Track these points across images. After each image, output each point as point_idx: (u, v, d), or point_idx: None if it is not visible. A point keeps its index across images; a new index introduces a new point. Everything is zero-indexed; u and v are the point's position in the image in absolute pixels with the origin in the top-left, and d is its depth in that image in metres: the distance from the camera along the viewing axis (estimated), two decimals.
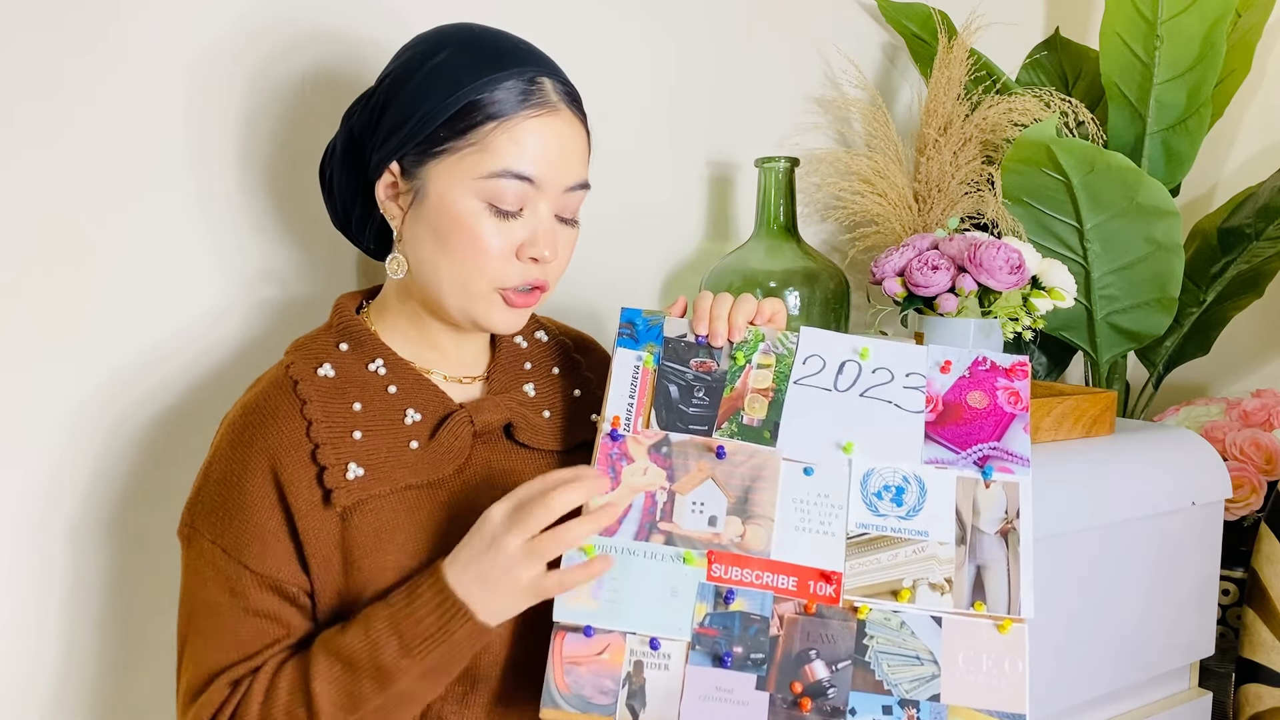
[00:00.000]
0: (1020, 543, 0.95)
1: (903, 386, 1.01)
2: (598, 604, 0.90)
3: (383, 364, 0.96)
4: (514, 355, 1.04)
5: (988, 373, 1.02)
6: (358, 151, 0.98)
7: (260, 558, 0.89)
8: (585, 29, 1.41)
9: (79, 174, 1.07)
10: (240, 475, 0.90)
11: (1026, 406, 1.01)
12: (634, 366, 1.00)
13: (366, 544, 0.90)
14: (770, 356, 1.01)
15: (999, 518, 0.96)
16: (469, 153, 0.91)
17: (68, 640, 1.11)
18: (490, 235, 0.91)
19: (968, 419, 1.00)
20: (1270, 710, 1.45)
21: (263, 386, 0.95)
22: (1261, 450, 1.61)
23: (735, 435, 0.98)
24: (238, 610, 0.89)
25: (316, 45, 1.19)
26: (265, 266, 1.19)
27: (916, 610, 0.93)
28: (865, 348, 1.02)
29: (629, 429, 0.97)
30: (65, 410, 1.08)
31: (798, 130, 1.64)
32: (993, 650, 0.92)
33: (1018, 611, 0.93)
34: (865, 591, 0.93)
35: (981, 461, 0.98)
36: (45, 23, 1.04)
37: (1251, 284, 1.75)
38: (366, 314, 1.01)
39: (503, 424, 0.98)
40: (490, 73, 0.91)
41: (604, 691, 0.89)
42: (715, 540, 0.94)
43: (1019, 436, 0.99)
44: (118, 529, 1.13)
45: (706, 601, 0.92)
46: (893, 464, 0.98)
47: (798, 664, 0.90)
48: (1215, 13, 1.58)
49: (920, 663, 0.91)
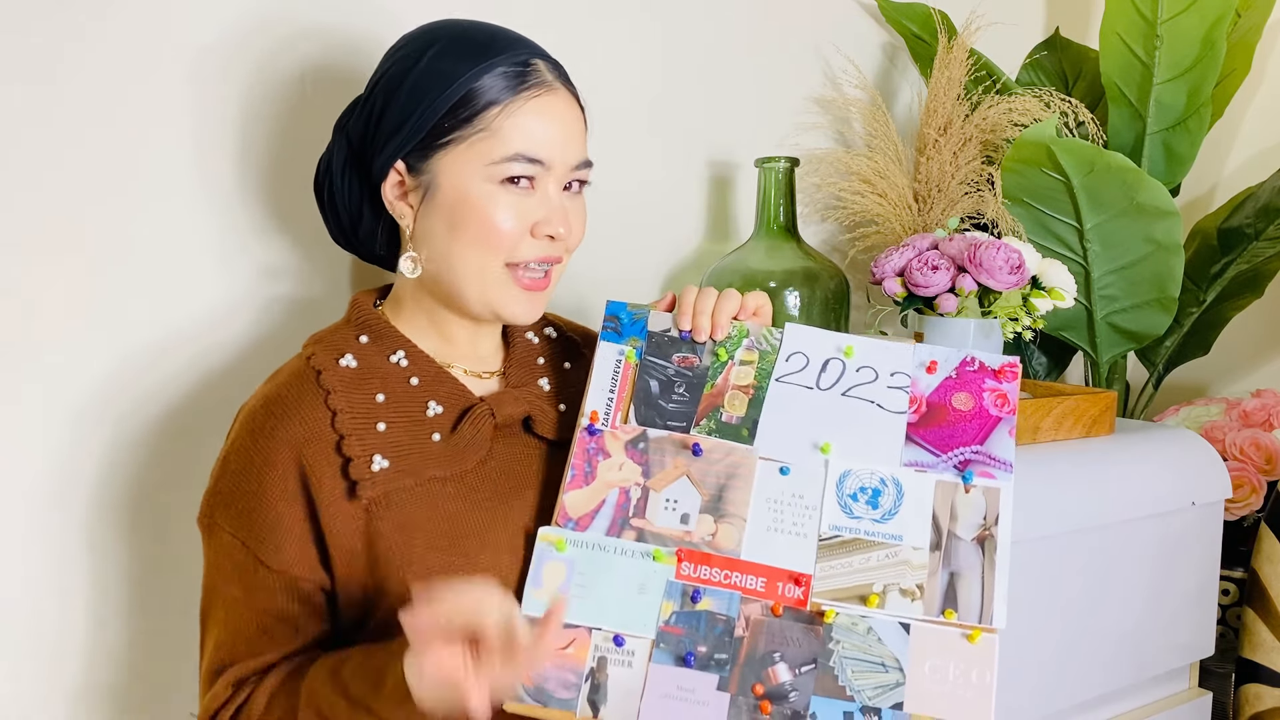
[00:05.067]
0: (997, 550, 0.93)
1: (886, 386, 0.99)
2: (565, 598, 0.90)
3: (404, 356, 0.97)
4: (528, 350, 1.05)
5: (975, 374, 1.00)
6: (358, 159, 0.99)
7: (276, 553, 0.89)
8: (585, 29, 1.41)
9: (85, 169, 1.07)
10: (261, 467, 0.90)
11: (1014, 410, 0.98)
12: (616, 361, 1.00)
13: (392, 536, 0.90)
14: (753, 353, 1.00)
15: (977, 524, 0.94)
16: (476, 139, 0.92)
17: (90, 631, 1.11)
18: (506, 218, 0.93)
19: (951, 421, 0.98)
20: (1270, 710, 1.45)
21: (284, 377, 0.95)
22: (1261, 450, 1.61)
23: (713, 432, 0.97)
24: (249, 607, 0.89)
25: (317, 41, 1.19)
26: (272, 262, 1.19)
27: (885, 616, 0.91)
28: (849, 345, 1.01)
29: (607, 424, 0.97)
30: (75, 405, 1.09)
31: (798, 130, 1.64)
32: (960, 660, 0.90)
33: (989, 621, 0.91)
34: (834, 595, 0.92)
35: (962, 465, 0.96)
36: (47, 18, 1.04)
37: (1251, 284, 1.74)
38: (382, 310, 1.01)
39: (522, 417, 0.99)
40: (484, 60, 0.92)
41: (566, 686, 0.88)
42: (686, 538, 0.93)
43: (1003, 440, 0.97)
44: (130, 523, 1.13)
45: (674, 600, 0.91)
46: (870, 465, 0.96)
47: (761, 666, 0.89)
48: (1215, 13, 1.58)
49: (885, 669, 0.90)
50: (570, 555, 0.93)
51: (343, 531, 0.90)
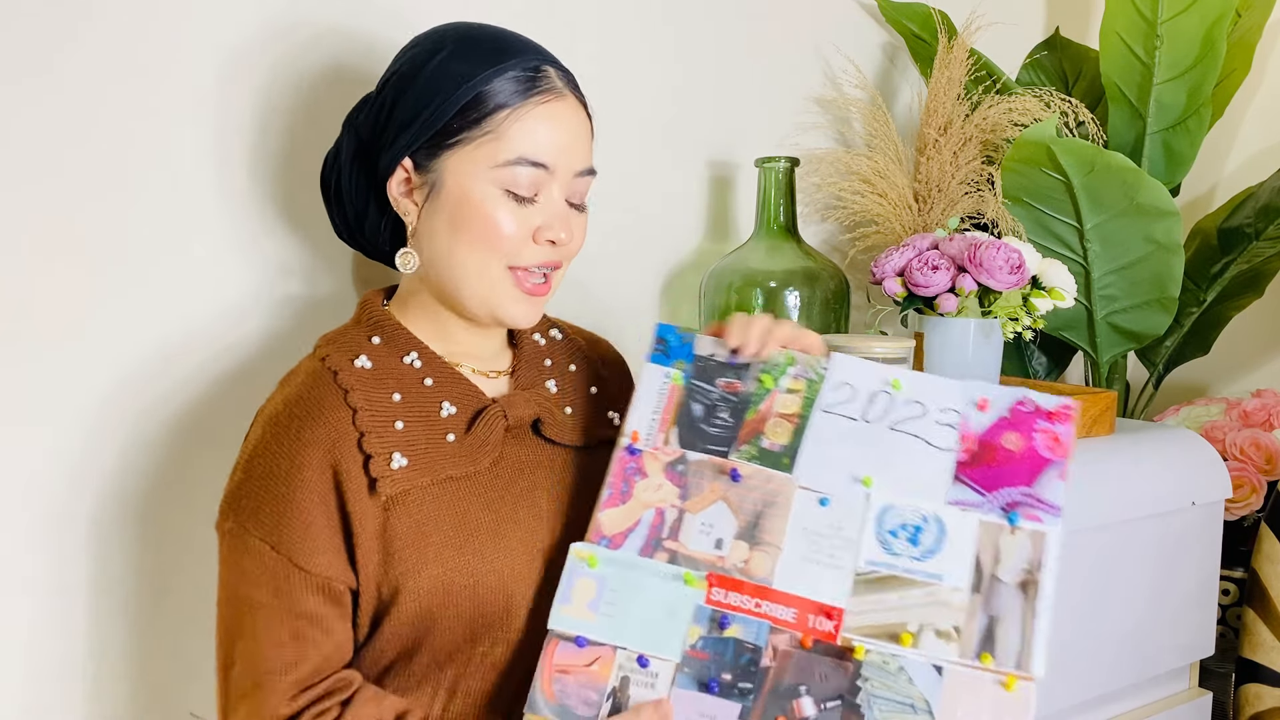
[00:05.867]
0: (1040, 597, 0.90)
1: (935, 422, 0.96)
2: (594, 615, 0.90)
3: (417, 356, 0.97)
4: (535, 352, 1.06)
5: (1029, 414, 0.96)
6: (365, 154, 0.99)
7: (310, 555, 0.89)
8: (586, 29, 1.41)
9: (104, 169, 1.07)
10: (289, 470, 0.90)
11: (1066, 453, 0.94)
12: (662, 382, 0.99)
13: (408, 534, 0.91)
14: (800, 381, 0.98)
15: (1021, 568, 0.91)
16: (484, 141, 0.93)
17: (93, 633, 1.11)
18: (506, 221, 0.93)
19: (1000, 461, 0.94)
20: (1270, 710, 1.45)
21: (301, 379, 0.95)
22: (1261, 450, 1.61)
23: (754, 459, 0.95)
24: (280, 611, 0.88)
25: (331, 41, 1.19)
26: (284, 262, 1.19)
27: (918, 656, 0.88)
28: (897, 380, 0.98)
29: (648, 444, 0.96)
30: (88, 404, 1.09)
31: (798, 130, 1.64)
32: (995, 707, 0.86)
33: (1028, 669, 0.87)
34: (866, 631, 0.89)
35: (1009, 507, 0.93)
36: (57, 22, 1.04)
37: (1251, 284, 1.75)
38: (389, 311, 1.01)
39: (532, 419, 0.99)
40: (496, 63, 0.93)
41: (588, 703, 0.88)
42: (719, 563, 0.92)
43: (1053, 484, 0.93)
44: (141, 525, 1.13)
45: (701, 624, 0.90)
46: (913, 502, 0.93)
47: (786, 698, 0.87)
48: (1215, 13, 1.58)
49: (914, 711, 0.86)
50: (601, 572, 0.92)
51: (365, 529, 0.90)
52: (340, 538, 0.90)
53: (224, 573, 0.92)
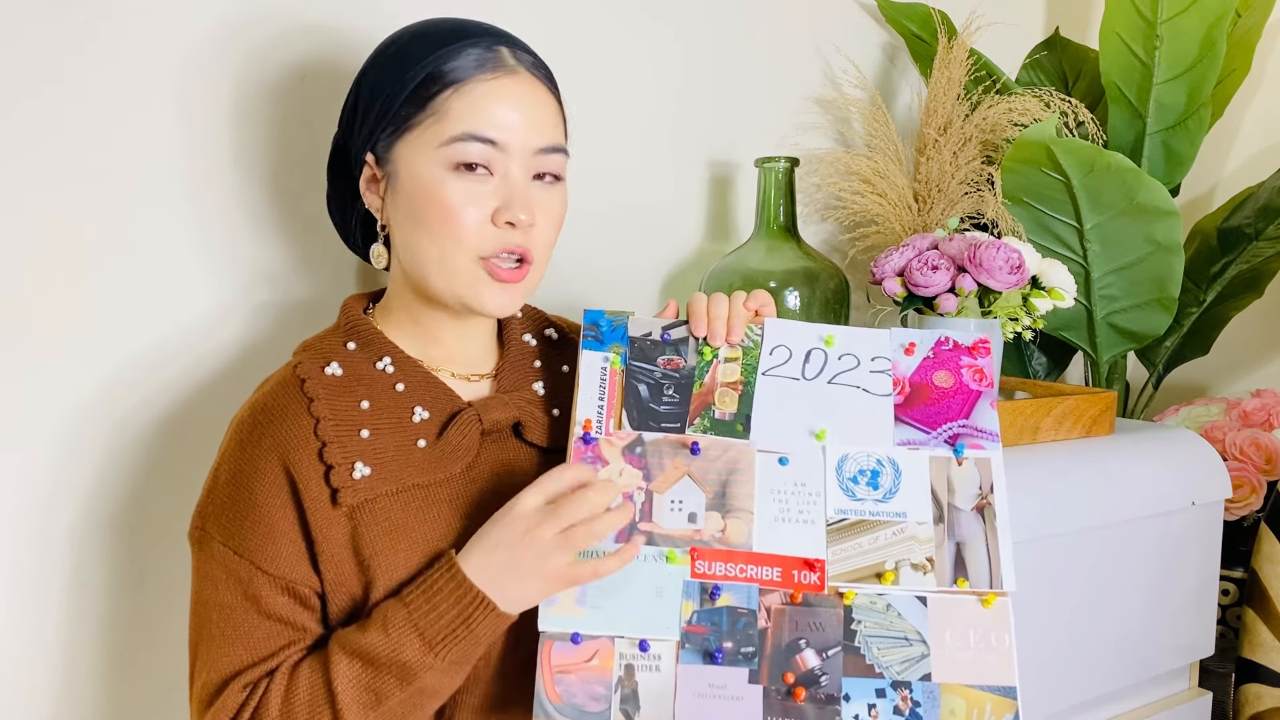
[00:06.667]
0: (996, 517, 0.96)
1: (869, 371, 1.02)
2: (584, 610, 0.90)
3: (390, 362, 0.96)
4: (523, 353, 1.04)
5: (951, 352, 1.03)
6: (343, 153, 1.00)
7: (272, 559, 0.88)
8: (585, 29, 1.41)
9: (77, 173, 1.07)
10: (250, 475, 0.90)
11: (992, 382, 1.02)
12: (601, 368, 0.99)
13: (377, 543, 0.90)
14: (736, 350, 1.01)
15: (974, 494, 0.97)
16: (430, 123, 0.91)
17: (68, 641, 1.11)
18: (461, 203, 0.90)
19: (935, 399, 1.01)
20: (1270, 710, 1.45)
21: (270, 386, 0.95)
22: (1261, 450, 1.61)
23: (708, 430, 0.98)
24: (250, 613, 0.88)
25: (309, 39, 1.19)
26: (264, 268, 1.18)
27: (901, 591, 0.93)
28: (830, 335, 1.02)
29: (601, 431, 0.97)
30: (66, 412, 1.08)
31: (798, 130, 1.64)
32: (978, 625, 0.92)
33: (1000, 585, 0.93)
34: (849, 576, 0.93)
35: (952, 440, 0.99)
36: (38, 21, 1.04)
37: (1251, 284, 1.75)
38: (373, 315, 1.01)
39: (511, 423, 0.98)
40: (449, 44, 0.92)
41: (596, 698, 0.88)
42: (697, 537, 0.94)
43: (986, 412, 1.00)
44: (120, 531, 1.12)
45: (693, 599, 0.92)
46: (865, 448, 0.98)
47: (788, 654, 0.91)
48: (1215, 13, 1.59)
49: (909, 643, 0.92)
50: None
51: (328, 538, 0.89)
52: (302, 543, 0.89)
53: (193, 579, 0.92)
